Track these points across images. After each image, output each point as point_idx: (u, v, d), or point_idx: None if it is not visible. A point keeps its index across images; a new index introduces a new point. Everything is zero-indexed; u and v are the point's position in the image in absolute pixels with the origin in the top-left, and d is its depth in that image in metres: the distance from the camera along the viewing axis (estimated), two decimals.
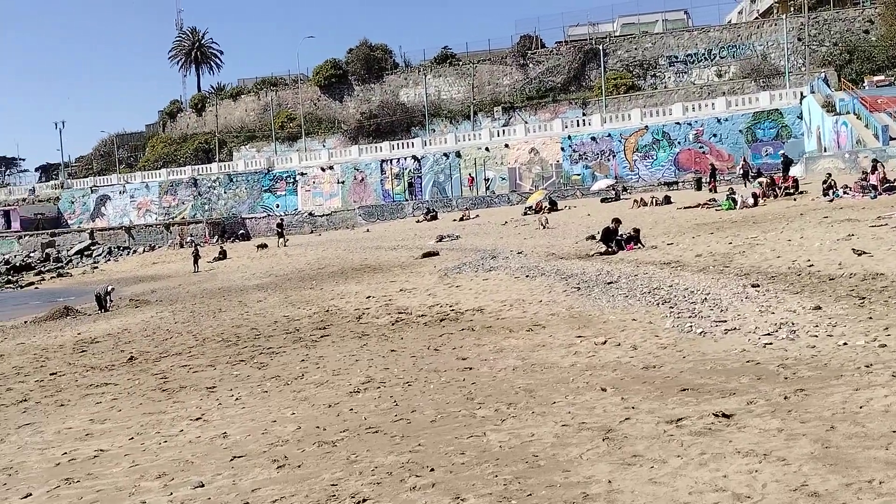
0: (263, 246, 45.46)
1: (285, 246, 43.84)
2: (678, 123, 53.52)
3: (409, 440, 6.49)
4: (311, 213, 61.44)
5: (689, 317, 10.41)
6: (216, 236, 59.07)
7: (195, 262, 40.06)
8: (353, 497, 5.27)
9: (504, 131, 61.40)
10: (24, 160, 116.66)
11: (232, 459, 6.53)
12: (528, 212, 41.09)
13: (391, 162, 63.29)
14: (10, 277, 53.60)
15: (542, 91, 67.04)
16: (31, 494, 6.31)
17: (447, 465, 5.73)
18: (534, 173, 58.19)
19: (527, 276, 16.94)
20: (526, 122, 62.61)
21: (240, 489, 5.73)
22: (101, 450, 7.46)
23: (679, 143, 53.53)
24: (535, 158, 58.35)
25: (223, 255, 43.90)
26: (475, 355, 9.93)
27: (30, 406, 10.27)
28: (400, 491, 5.29)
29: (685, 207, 30.27)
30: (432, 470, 5.64)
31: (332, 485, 5.59)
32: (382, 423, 7.15)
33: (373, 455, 6.21)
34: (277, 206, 66.57)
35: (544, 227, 31.35)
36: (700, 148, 52.70)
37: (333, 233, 52.12)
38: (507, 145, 59.39)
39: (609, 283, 14.20)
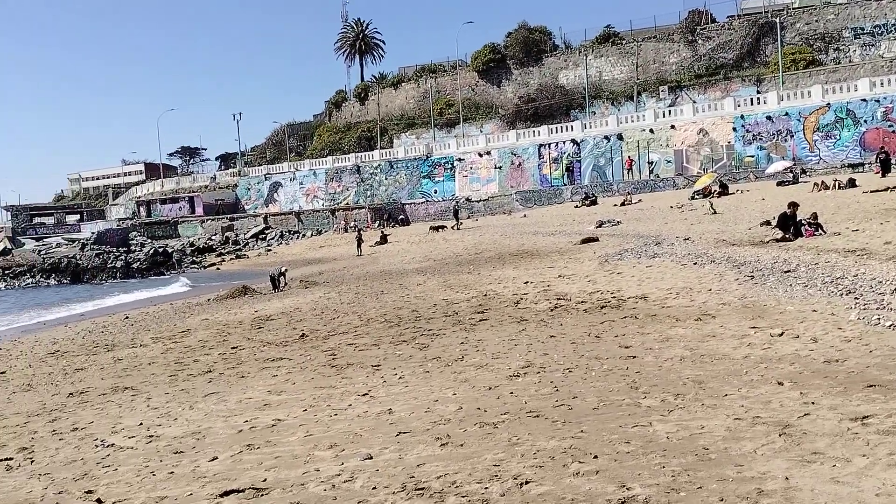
0: (439, 228, 47.25)
1: (459, 229, 45.24)
2: (864, 100, 49.33)
3: (571, 426, 6.48)
4: (467, 199, 62.32)
5: (877, 308, 9.63)
6: (377, 221, 61.38)
7: (358, 245, 41.89)
8: (515, 478, 5.35)
9: (670, 112, 59.21)
10: (205, 150, 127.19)
11: (397, 435, 6.81)
12: (696, 196, 39.44)
13: (549, 146, 62.85)
14: (194, 258, 58.64)
15: (711, 68, 64.00)
16: (216, 458, 6.90)
17: (611, 452, 5.67)
18: (702, 155, 55.74)
19: (694, 264, 16.30)
20: (694, 102, 60.02)
21: (406, 463, 5.98)
22: (278, 419, 8.02)
23: (865, 121, 49.35)
24: (704, 140, 55.85)
25: (384, 239, 45.60)
26: (639, 344, 9.72)
27: (214, 377, 11.20)
28: (563, 475, 5.31)
29: (872, 191, 27.88)
30: (596, 457, 5.60)
31: (495, 465, 5.69)
32: (543, 408, 7.18)
33: (534, 438, 6.26)
34: (435, 192, 68.07)
35: (714, 213, 29.98)
36: (889, 127, 48.26)
37: (490, 218, 52.59)
38: (672, 126, 57.24)
39: (786, 272, 13.38)
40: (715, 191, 38.59)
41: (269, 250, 57.90)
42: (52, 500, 6.24)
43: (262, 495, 5.71)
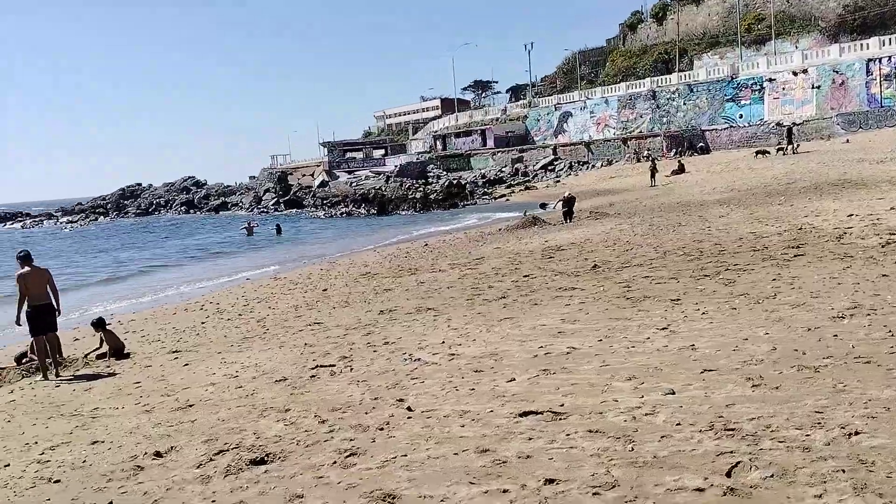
0: (763, 153, 44.70)
1: (796, 152, 42.26)
2: None
3: None
4: (778, 124, 57.06)
5: None
6: (674, 150, 58.82)
7: (652, 176, 40.57)
8: (842, 427, 4.84)
9: None
10: (496, 83, 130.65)
11: (702, 372, 6.50)
12: None
13: (880, 61, 54.94)
14: (485, 190, 61.20)
15: None
16: (514, 379, 7.16)
17: None
18: None
19: None
20: None
21: (712, 402, 5.69)
22: (573, 347, 8.10)
23: None
24: None
25: (681, 169, 43.64)
26: None
27: (508, 303, 11.63)
28: None
29: None
30: None
31: (817, 412, 5.20)
32: (875, 354, 6.40)
33: (864, 387, 5.61)
34: (740, 117, 63.29)
35: None
36: None
37: (805, 144, 47.76)
38: None
39: None
40: None
41: (558, 181, 58.37)
42: (370, 404, 6.94)
43: (560, 419, 5.81)
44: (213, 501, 5.07)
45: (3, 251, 41.75)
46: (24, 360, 11.20)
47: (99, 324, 11.82)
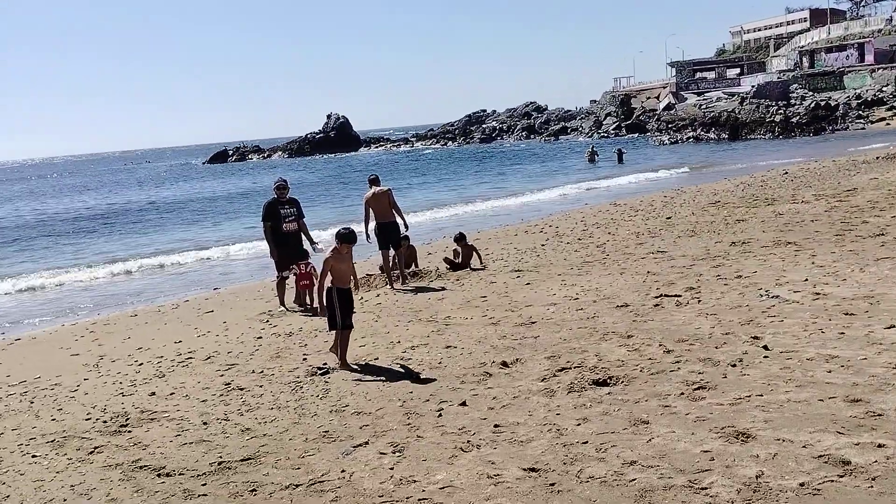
0: None
1: None
2: None
3: None
4: None
5: None
6: None
7: None
8: None
9: None
10: None
11: None
12: None
13: None
14: (860, 112, 54.45)
15: None
16: (894, 326, 6.37)
17: None
18: None
19: None
20: None
21: None
22: None
23: None
24: None
25: None
26: None
27: (887, 240, 10.36)
28: None
29: None
30: None
31: None
32: None
33: None
34: None
35: None
36: None
37: None
38: None
39: None
40: None
41: None
42: (720, 339, 6.66)
43: None
44: (558, 414, 5.29)
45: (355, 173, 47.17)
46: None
47: (460, 238, 12.85)
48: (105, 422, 6.04)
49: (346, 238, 7.33)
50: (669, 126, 62.66)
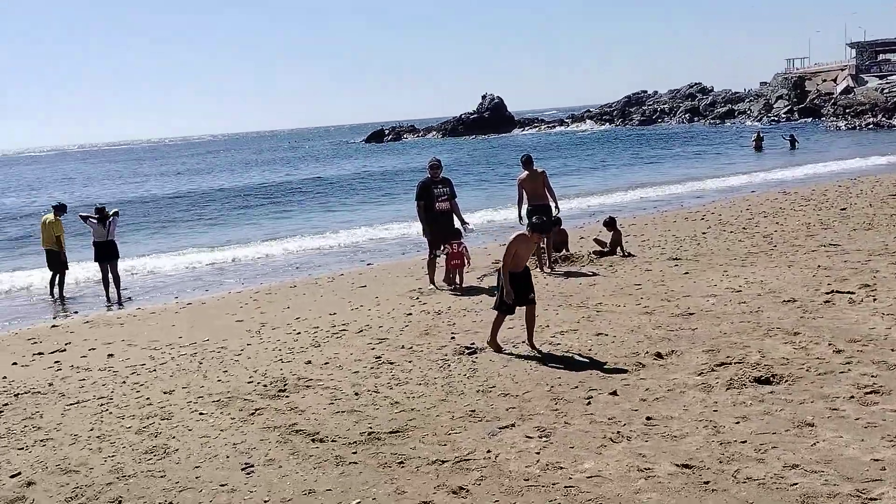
0: None
1: None
2: None
3: None
4: None
5: None
6: None
7: None
8: None
9: None
10: None
11: None
12: None
13: None
14: None
15: None
16: None
17: None
18: None
19: None
20: None
21: None
22: None
23: None
24: None
25: None
26: None
27: None
28: None
29: None
30: None
31: None
32: None
33: None
34: None
35: None
36: None
37: None
38: None
39: None
40: None
41: None
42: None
43: None
44: (715, 411, 5.09)
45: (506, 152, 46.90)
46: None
47: (610, 223, 12.60)
48: (265, 385, 6.40)
49: (540, 228, 7.31)
50: (847, 111, 58.40)
